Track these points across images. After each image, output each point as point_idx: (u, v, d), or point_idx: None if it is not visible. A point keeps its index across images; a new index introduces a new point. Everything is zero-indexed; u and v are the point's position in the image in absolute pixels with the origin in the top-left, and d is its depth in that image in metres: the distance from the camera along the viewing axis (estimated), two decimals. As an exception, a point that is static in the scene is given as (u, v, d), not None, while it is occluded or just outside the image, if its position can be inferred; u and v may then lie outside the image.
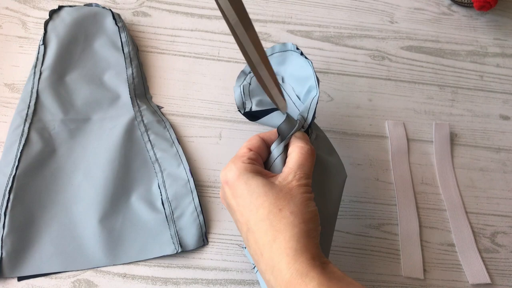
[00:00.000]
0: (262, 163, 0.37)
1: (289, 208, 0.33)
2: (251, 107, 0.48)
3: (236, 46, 0.60)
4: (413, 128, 0.57)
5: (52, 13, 0.55)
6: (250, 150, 0.36)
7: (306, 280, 0.30)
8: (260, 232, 0.33)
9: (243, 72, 0.51)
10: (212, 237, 0.48)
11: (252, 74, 0.50)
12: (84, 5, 0.57)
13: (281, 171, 0.36)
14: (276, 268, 0.31)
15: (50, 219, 0.46)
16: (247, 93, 0.50)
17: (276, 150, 0.37)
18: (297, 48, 0.47)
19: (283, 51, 0.49)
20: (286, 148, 0.37)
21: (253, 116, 0.48)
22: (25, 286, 0.43)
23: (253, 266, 0.45)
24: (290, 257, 0.31)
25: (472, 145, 0.57)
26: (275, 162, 0.37)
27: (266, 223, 0.32)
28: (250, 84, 0.50)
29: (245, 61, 0.53)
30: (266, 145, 0.38)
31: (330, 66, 0.60)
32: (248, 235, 0.34)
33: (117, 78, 0.54)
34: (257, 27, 0.61)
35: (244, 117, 0.55)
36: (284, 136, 0.38)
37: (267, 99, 0.49)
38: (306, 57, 0.45)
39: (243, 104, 0.49)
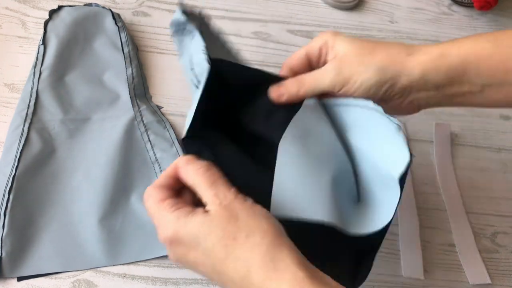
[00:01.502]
0: (174, 192, 0.32)
1: (240, 231, 0.28)
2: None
3: (236, 45, 0.59)
4: (413, 128, 0.57)
5: (52, 13, 0.55)
6: (164, 199, 0.31)
7: None
8: (230, 270, 0.29)
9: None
10: (212, 237, 0.48)
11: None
12: (84, 5, 0.57)
13: None
14: None
15: (50, 219, 0.46)
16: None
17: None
18: None
19: None
20: None
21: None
22: (25, 286, 0.43)
23: None
24: (272, 276, 0.27)
25: (472, 145, 0.57)
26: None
27: (230, 259, 0.28)
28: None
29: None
30: (172, 184, 0.32)
31: (330, 66, 0.60)
32: (222, 278, 0.30)
33: (117, 78, 0.54)
34: (257, 27, 0.61)
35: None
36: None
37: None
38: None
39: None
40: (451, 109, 0.59)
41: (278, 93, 0.37)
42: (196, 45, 0.36)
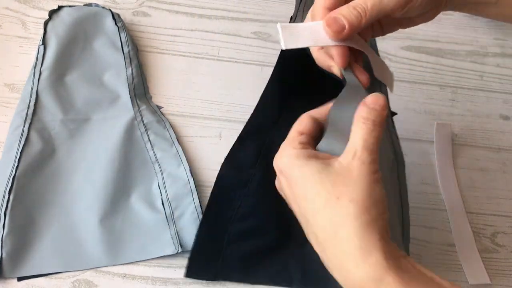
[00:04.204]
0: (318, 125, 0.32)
1: (348, 195, 0.28)
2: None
3: (236, 45, 0.60)
4: (414, 128, 0.57)
5: (52, 13, 0.55)
6: (301, 133, 0.32)
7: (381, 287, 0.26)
8: (318, 226, 0.29)
9: None
10: (212, 237, 0.48)
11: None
12: (84, 5, 0.57)
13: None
14: (344, 268, 0.28)
15: (50, 219, 0.46)
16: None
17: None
18: None
19: None
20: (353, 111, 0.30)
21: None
22: (25, 286, 0.43)
23: None
24: (358, 258, 0.27)
25: (472, 145, 0.57)
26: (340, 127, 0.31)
27: (323, 216, 0.28)
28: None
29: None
30: (318, 124, 0.32)
31: (330, 66, 0.60)
32: (307, 228, 0.30)
33: (117, 78, 0.54)
34: (257, 27, 0.61)
35: (244, 117, 0.55)
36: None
37: None
38: None
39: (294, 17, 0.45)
40: (451, 109, 0.59)
41: (337, 27, 0.31)
42: None
